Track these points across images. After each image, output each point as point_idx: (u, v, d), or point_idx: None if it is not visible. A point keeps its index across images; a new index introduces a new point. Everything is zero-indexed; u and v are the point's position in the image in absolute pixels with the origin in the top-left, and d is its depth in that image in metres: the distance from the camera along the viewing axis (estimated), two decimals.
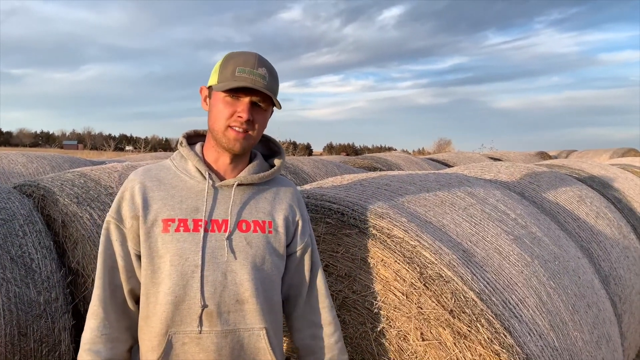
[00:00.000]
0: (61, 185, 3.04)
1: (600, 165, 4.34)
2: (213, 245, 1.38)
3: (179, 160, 1.48)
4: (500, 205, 2.22)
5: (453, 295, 1.57)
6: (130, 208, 1.40)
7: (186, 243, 1.37)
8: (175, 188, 1.43)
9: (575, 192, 3.13)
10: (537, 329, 1.63)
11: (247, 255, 1.40)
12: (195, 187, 1.43)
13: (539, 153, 13.60)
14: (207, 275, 1.36)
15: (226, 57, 1.43)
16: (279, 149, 1.59)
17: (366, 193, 1.98)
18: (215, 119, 1.41)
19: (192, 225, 1.38)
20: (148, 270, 1.39)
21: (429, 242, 1.69)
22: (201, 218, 1.39)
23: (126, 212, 1.41)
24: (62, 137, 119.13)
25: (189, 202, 1.41)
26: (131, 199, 1.41)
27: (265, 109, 1.42)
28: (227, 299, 1.37)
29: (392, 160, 7.23)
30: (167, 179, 1.45)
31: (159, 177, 1.45)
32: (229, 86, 1.35)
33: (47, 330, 2.40)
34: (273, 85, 1.41)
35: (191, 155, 1.45)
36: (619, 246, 2.91)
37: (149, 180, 1.44)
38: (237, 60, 1.39)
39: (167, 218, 1.38)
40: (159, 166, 1.49)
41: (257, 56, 1.40)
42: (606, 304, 2.27)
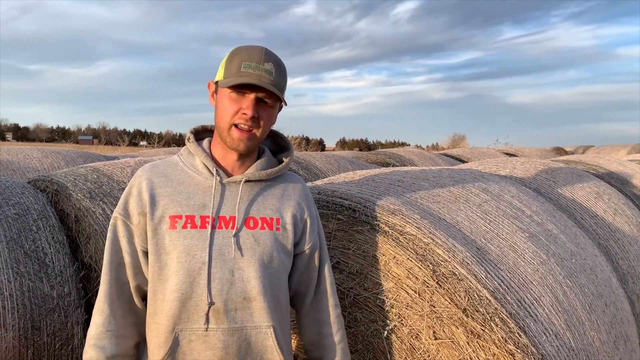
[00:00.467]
0: (74, 180, 3.06)
1: (618, 161, 4.26)
2: (220, 242, 1.37)
3: (187, 156, 1.47)
4: (516, 202, 2.18)
5: (466, 293, 1.54)
6: (137, 204, 1.39)
7: (193, 240, 1.36)
8: (182, 184, 1.42)
9: (592, 188, 3.07)
10: (552, 328, 1.60)
11: (255, 252, 1.38)
12: (203, 183, 1.42)
13: (555, 149, 13.42)
14: (215, 273, 1.35)
15: (232, 52, 1.41)
16: (287, 145, 1.57)
17: (378, 189, 1.96)
18: (220, 116, 1.39)
19: (199, 221, 1.37)
20: (155, 267, 1.38)
21: (442, 239, 1.66)
22: (208, 215, 1.38)
23: (133, 209, 1.40)
24: (77, 133, 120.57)
25: (196, 198, 1.39)
26: (138, 195, 1.40)
27: (271, 105, 1.40)
28: (234, 297, 1.35)
29: (406, 155, 7.17)
30: (175, 175, 1.43)
31: (166, 174, 1.44)
32: (233, 82, 1.33)
33: (60, 324, 2.42)
34: (280, 80, 1.38)
35: (199, 151, 1.44)
36: (637, 244, 2.85)
37: (156, 176, 1.42)
38: (243, 55, 1.37)
39: (174, 214, 1.37)
40: (166, 162, 1.48)
41: (264, 50, 1.38)
42: (624, 303, 2.22)
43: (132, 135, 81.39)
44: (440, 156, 7.85)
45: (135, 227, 1.40)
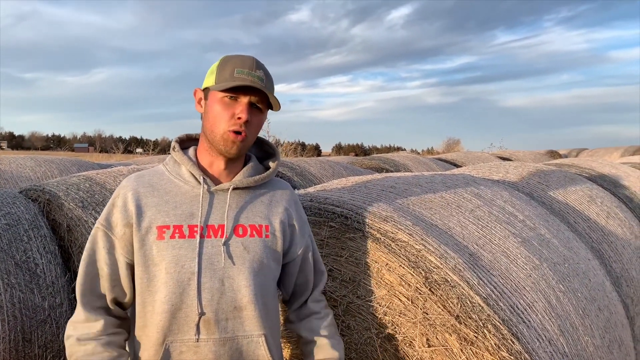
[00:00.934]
0: (66, 189, 3.04)
1: (611, 164, 4.27)
2: (210, 252, 1.36)
3: (172, 165, 1.45)
4: (508, 207, 2.18)
5: (459, 300, 1.53)
6: (122, 216, 1.37)
7: (182, 250, 1.34)
8: (169, 194, 1.40)
9: (585, 191, 3.07)
10: (546, 334, 1.59)
11: (245, 260, 1.37)
12: (190, 192, 1.40)
13: (548, 152, 13.47)
14: (204, 282, 1.33)
15: (223, 59, 1.41)
16: (273, 151, 1.57)
17: (371, 196, 1.95)
18: (213, 121, 1.37)
19: (187, 231, 1.35)
20: (144, 278, 1.36)
21: (434, 245, 1.65)
22: (197, 224, 1.36)
23: (117, 220, 1.37)
24: (73, 140, 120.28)
25: (183, 207, 1.38)
26: (123, 206, 1.37)
27: (262, 111, 1.41)
28: (224, 306, 1.34)
29: (400, 160, 7.18)
30: (161, 184, 1.42)
31: (152, 183, 1.42)
32: (229, 85, 1.33)
33: (51, 336, 2.40)
34: (270, 88, 1.40)
35: (185, 160, 1.42)
36: (630, 247, 2.85)
37: (141, 186, 1.40)
38: (235, 61, 1.37)
39: (161, 225, 1.35)
40: (151, 172, 1.46)
41: (254, 59, 1.39)
42: (618, 307, 2.22)
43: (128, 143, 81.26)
44: (435, 161, 7.87)
45: (119, 239, 1.37)
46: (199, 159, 1.45)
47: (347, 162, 6.51)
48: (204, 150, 1.44)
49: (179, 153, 1.44)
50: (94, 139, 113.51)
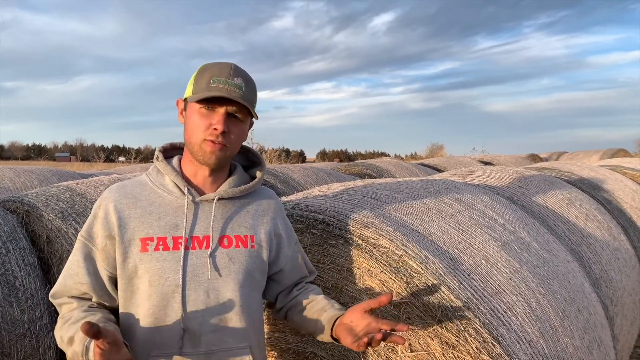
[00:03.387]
0: (46, 200, 3.00)
1: (590, 167, 4.35)
2: (194, 263, 1.33)
3: (156, 176, 1.42)
4: (488, 211, 2.21)
5: (440, 305, 1.55)
6: (104, 227, 1.34)
7: (166, 262, 1.31)
8: (152, 205, 1.37)
9: (564, 194, 3.12)
10: (526, 336, 1.61)
11: (231, 272, 1.35)
12: (174, 203, 1.37)
13: (530, 155, 13.65)
14: (189, 295, 1.31)
15: (201, 68, 1.38)
16: (258, 160, 1.56)
17: (352, 202, 1.96)
18: (191, 132, 1.35)
19: (171, 243, 1.33)
20: (127, 292, 1.33)
21: (415, 251, 1.66)
22: (181, 235, 1.33)
23: (98, 231, 1.35)
24: (54, 150, 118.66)
25: (167, 219, 1.35)
26: (105, 217, 1.35)
27: (242, 120, 1.38)
28: (210, 319, 1.32)
29: (383, 166, 7.22)
30: (144, 195, 1.39)
31: (134, 194, 1.39)
32: (202, 96, 1.30)
33: (31, 350, 2.35)
34: (250, 95, 1.37)
35: (168, 170, 1.39)
36: (609, 248, 2.90)
37: (124, 197, 1.38)
38: (212, 70, 1.34)
39: (145, 237, 1.32)
40: (134, 182, 1.43)
41: (233, 66, 1.36)
42: (597, 308, 2.25)
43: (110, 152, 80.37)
44: (418, 166, 7.92)
45: (100, 250, 1.35)
46: (183, 169, 1.42)
47: (330, 169, 6.52)
48: (187, 160, 1.41)
49: (162, 163, 1.41)
50: (76, 148, 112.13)
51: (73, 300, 1.36)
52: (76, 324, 1.28)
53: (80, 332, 1.22)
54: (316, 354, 1.84)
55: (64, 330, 1.30)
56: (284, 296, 1.56)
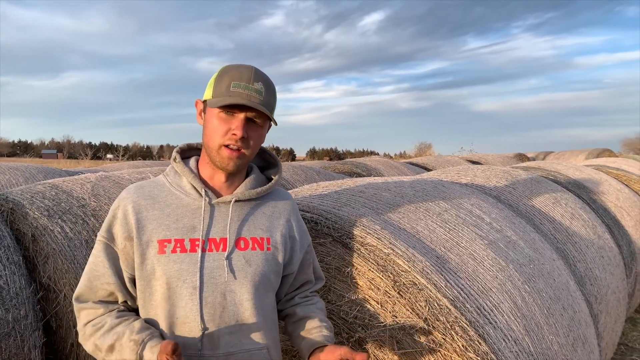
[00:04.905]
0: (31, 197, 2.97)
1: (575, 167, 4.40)
2: (211, 265, 1.32)
3: (173, 177, 1.41)
4: (475, 210, 2.22)
5: (427, 303, 1.55)
6: (123, 228, 1.34)
7: (184, 264, 1.31)
8: (170, 206, 1.36)
9: (550, 194, 3.16)
10: (512, 334, 1.63)
11: (247, 274, 1.35)
12: (191, 204, 1.37)
13: (517, 155, 13.77)
14: (206, 297, 1.31)
15: (222, 71, 1.36)
16: (275, 161, 1.54)
17: (340, 201, 1.97)
18: (209, 136, 1.34)
19: (189, 245, 1.32)
20: (145, 293, 1.33)
21: (403, 249, 1.67)
22: (198, 237, 1.33)
23: (118, 232, 1.34)
24: (41, 146, 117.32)
25: (185, 220, 1.34)
26: (124, 218, 1.34)
27: (261, 125, 1.36)
28: (227, 320, 1.32)
29: (372, 165, 7.24)
30: (161, 196, 1.38)
31: (152, 195, 1.38)
32: (223, 102, 1.28)
33: (16, 349, 2.33)
34: (270, 100, 1.35)
35: (186, 172, 1.39)
36: (594, 246, 2.94)
37: (142, 198, 1.37)
38: (233, 74, 1.32)
39: (162, 239, 1.32)
40: (152, 183, 1.42)
41: (254, 69, 1.34)
42: (582, 306, 2.28)
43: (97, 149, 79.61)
44: (406, 165, 7.95)
45: (121, 251, 1.34)
46: (200, 171, 1.41)
47: (319, 167, 6.53)
48: (205, 162, 1.40)
49: (180, 164, 1.41)
50: (63, 145, 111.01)
51: (99, 306, 1.35)
52: (112, 331, 1.29)
53: (123, 341, 1.27)
54: None
55: (99, 339, 1.30)
56: (286, 301, 1.56)
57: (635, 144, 34.97)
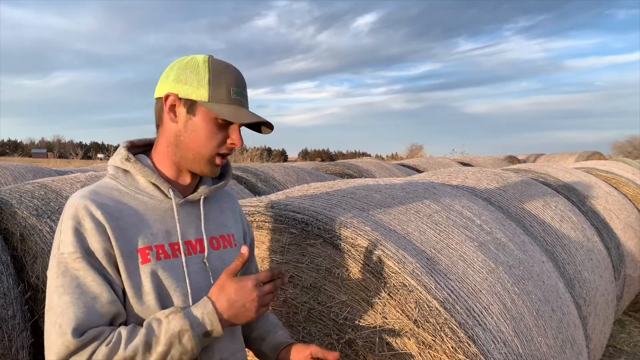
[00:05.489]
0: (20, 197, 2.94)
1: (565, 169, 4.43)
2: (194, 270, 1.25)
3: (125, 179, 1.25)
4: (466, 212, 2.23)
5: (417, 304, 1.56)
6: (100, 239, 1.14)
7: (171, 271, 1.20)
8: (137, 212, 1.22)
9: (540, 196, 3.18)
10: (501, 336, 1.63)
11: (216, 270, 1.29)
12: (159, 207, 1.24)
13: (508, 157, 13.84)
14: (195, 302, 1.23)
15: (215, 68, 1.23)
16: None
17: (331, 202, 1.96)
18: (203, 142, 1.22)
19: (170, 250, 1.22)
20: (137, 307, 1.18)
21: (393, 251, 1.67)
22: (177, 241, 1.24)
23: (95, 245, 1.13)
24: (30, 146, 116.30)
25: (158, 225, 1.22)
26: (97, 228, 1.14)
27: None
28: None
29: (364, 166, 7.25)
30: (124, 201, 1.22)
31: (114, 201, 1.21)
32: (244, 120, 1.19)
33: (3, 350, 2.31)
34: None
35: (147, 172, 1.24)
36: (583, 249, 2.96)
37: (105, 206, 1.18)
38: (229, 77, 1.22)
39: (143, 247, 1.18)
40: (104, 188, 1.23)
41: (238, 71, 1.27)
42: (571, 308, 2.30)
43: (88, 149, 79.08)
44: (398, 166, 7.97)
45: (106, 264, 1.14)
46: (161, 170, 1.29)
47: (311, 168, 6.52)
48: (169, 162, 1.28)
49: (137, 164, 1.25)
50: (53, 145, 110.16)
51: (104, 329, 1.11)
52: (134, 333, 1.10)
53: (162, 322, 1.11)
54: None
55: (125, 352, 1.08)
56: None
57: (625, 147, 35.33)
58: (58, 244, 1.14)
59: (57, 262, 1.12)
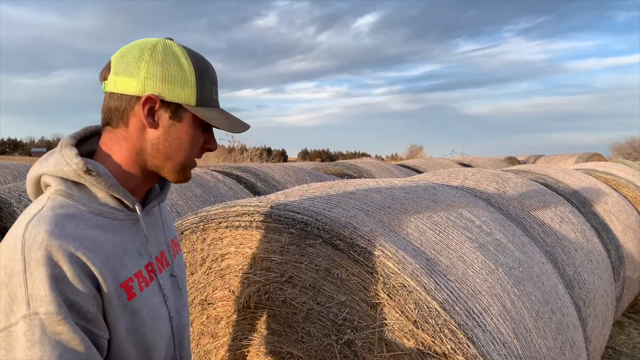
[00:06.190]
0: (19, 196, 2.94)
1: (565, 170, 4.42)
2: (168, 287, 1.14)
3: (82, 195, 1.00)
4: (466, 213, 2.23)
5: (416, 305, 1.55)
6: (86, 286, 0.91)
7: (154, 298, 1.07)
8: (108, 236, 0.99)
9: (540, 197, 3.17)
10: (500, 337, 1.63)
11: (182, 281, 1.23)
12: (123, 225, 1.04)
13: (507, 158, 13.85)
14: (175, 323, 1.14)
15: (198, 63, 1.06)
16: None
17: (331, 202, 1.96)
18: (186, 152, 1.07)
19: (147, 275, 1.07)
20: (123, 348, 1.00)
21: (392, 251, 1.67)
22: (150, 261, 1.09)
23: (81, 295, 0.90)
24: (30, 144, 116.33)
25: (129, 247, 1.04)
26: (80, 274, 0.91)
27: None
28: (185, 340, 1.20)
29: (363, 166, 7.25)
30: (92, 226, 0.98)
31: (84, 228, 0.96)
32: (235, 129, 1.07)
33: None
34: None
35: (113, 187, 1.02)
36: (582, 250, 2.96)
37: (80, 236, 0.94)
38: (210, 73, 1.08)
39: (125, 280, 1.00)
40: (65, 214, 0.95)
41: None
42: (570, 309, 2.29)
43: None
44: (397, 167, 7.97)
45: (93, 319, 0.93)
46: (122, 181, 1.06)
47: (311, 168, 6.52)
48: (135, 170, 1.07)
49: (101, 178, 1.00)
50: (53, 144, 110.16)
51: None
52: None
53: None
54: (293, 354, 1.83)
55: None
56: None
57: (624, 149, 35.35)
58: (25, 299, 0.85)
59: (29, 326, 0.85)
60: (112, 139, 1.06)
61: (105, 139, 1.07)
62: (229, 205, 2.00)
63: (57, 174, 0.99)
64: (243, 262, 1.93)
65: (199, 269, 2.03)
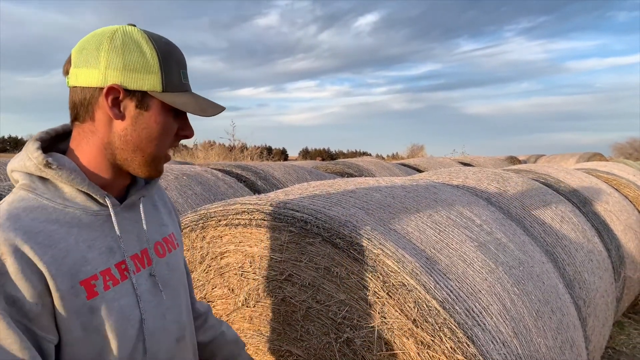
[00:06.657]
0: None
1: (566, 170, 4.42)
2: (144, 289, 1.06)
3: (46, 189, 0.98)
4: (466, 212, 2.22)
5: (416, 304, 1.55)
6: (29, 283, 0.87)
7: (123, 299, 1.01)
8: (71, 231, 0.96)
9: (540, 196, 3.17)
10: (500, 336, 1.62)
11: (172, 281, 1.15)
12: (94, 221, 1.00)
13: (508, 158, 13.84)
14: (148, 327, 1.05)
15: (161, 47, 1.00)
16: None
17: (331, 200, 1.95)
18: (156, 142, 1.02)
19: (118, 273, 1.01)
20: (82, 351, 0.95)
21: (392, 250, 1.66)
22: (122, 259, 1.02)
23: (24, 291, 0.86)
24: None
25: (97, 244, 0.99)
26: (25, 269, 0.87)
27: None
28: (169, 344, 1.11)
29: (364, 165, 7.24)
30: (52, 220, 0.95)
31: (40, 222, 0.93)
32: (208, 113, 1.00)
33: None
34: None
35: (77, 180, 0.98)
36: (583, 250, 2.95)
37: (32, 234, 0.90)
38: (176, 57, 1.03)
39: (87, 278, 0.94)
40: (22, 207, 0.94)
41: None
42: (570, 309, 2.29)
43: None
44: (398, 166, 7.97)
45: (36, 318, 0.88)
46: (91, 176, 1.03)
47: (311, 167, 6.52)
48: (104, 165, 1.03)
49: (62, 171, 0.97)
50: None
51: None
52: None
53: None
54: (292, 352, 1.83)
55: None
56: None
57: (625, 149, 35.31)
58: None
59: None
60: (81, 134, 1.03)
61: (74, 135, 1.04)
62: (229, 203, 1.99)
63: (21, 169, 0.98)
64: (242, 260, 1.93)
65: (198, 266, 2.03)
